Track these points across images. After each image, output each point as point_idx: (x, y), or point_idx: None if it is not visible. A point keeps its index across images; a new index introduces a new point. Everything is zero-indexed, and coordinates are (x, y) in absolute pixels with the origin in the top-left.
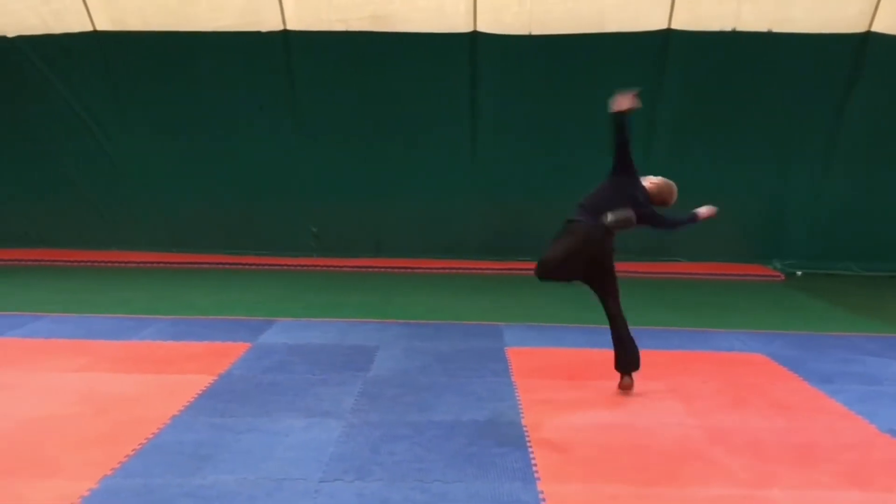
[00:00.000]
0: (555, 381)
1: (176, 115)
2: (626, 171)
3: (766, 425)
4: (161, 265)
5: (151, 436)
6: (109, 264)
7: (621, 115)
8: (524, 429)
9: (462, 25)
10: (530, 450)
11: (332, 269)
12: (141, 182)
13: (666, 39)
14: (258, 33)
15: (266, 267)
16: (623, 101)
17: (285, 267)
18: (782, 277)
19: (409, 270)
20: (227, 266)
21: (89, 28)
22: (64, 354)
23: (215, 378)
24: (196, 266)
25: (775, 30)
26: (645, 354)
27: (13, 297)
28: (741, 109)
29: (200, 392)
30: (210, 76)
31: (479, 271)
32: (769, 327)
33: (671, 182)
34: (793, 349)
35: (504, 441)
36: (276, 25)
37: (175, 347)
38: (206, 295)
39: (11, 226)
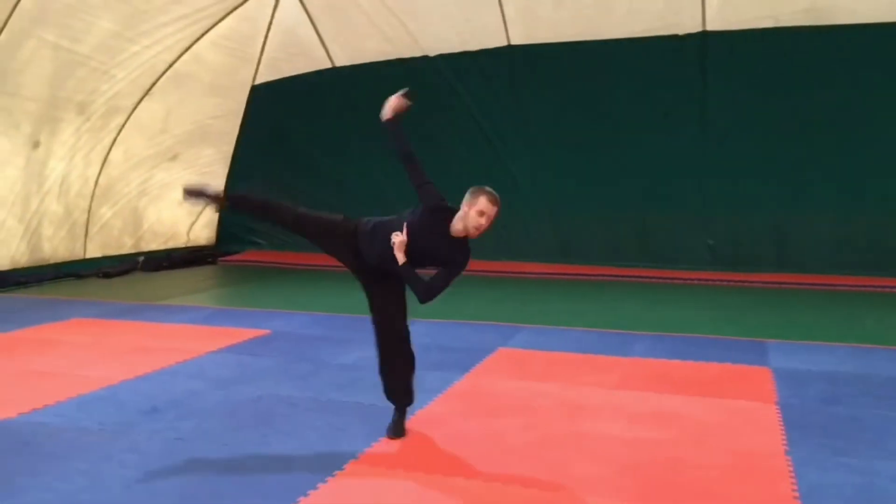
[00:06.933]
0: None
1: (573, 127)
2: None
3: None
4: (553, 276)
5: (790, 474)
6: (502, 274)
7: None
8: None
9: None
10: None
11: (728, 283)
12: (533, 193)
13: None
14: (675, 37)
15: (660, 280)
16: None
17: (679, 280)
18: None
19: (817, 287)
20: (617, 278)
21: (504, 43)
22: (584, 369)
23: (772, 405)
24: (585, 278)
25: None
26: None
27: (475, 307)
28: None
29: (777, 421)
30: (612, 85)
31: None
32: None
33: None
34: None
35: None
36: (694, 27)
37: (689, 367)
38: (644, 310)
39: None
